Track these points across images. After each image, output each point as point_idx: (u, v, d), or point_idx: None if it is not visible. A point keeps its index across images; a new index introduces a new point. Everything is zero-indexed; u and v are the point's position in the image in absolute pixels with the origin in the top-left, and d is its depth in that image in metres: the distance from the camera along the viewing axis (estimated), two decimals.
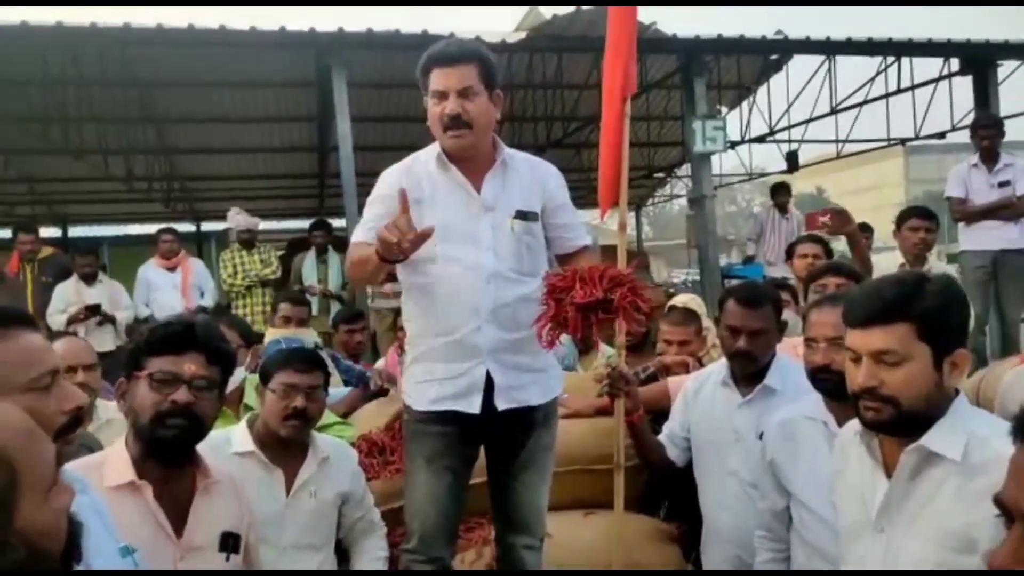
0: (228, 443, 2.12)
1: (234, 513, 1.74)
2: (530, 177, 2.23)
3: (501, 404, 2.14)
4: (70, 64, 7.11)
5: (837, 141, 10.44)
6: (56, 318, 5.43)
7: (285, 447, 2.16)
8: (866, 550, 1.53)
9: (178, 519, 1.63)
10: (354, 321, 4.43)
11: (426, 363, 2.19)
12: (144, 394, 1.59)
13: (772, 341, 2.38)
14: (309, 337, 3.47)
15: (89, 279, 5.72)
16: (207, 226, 13.89)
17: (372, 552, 2.34)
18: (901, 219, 4.26)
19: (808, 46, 7.69)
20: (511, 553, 2.28)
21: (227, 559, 1.69)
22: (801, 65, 9.18)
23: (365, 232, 2.15)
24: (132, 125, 9.29)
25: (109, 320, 5.61)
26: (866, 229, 6.41)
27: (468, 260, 2.09)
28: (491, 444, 2.27)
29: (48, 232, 11.34)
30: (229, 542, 1.70)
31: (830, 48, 7.91)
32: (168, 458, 1.63)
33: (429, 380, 2.18)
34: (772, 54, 8.94)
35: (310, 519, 2.17)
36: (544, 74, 8.70)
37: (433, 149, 2.20)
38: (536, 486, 2.26)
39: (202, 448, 1.73)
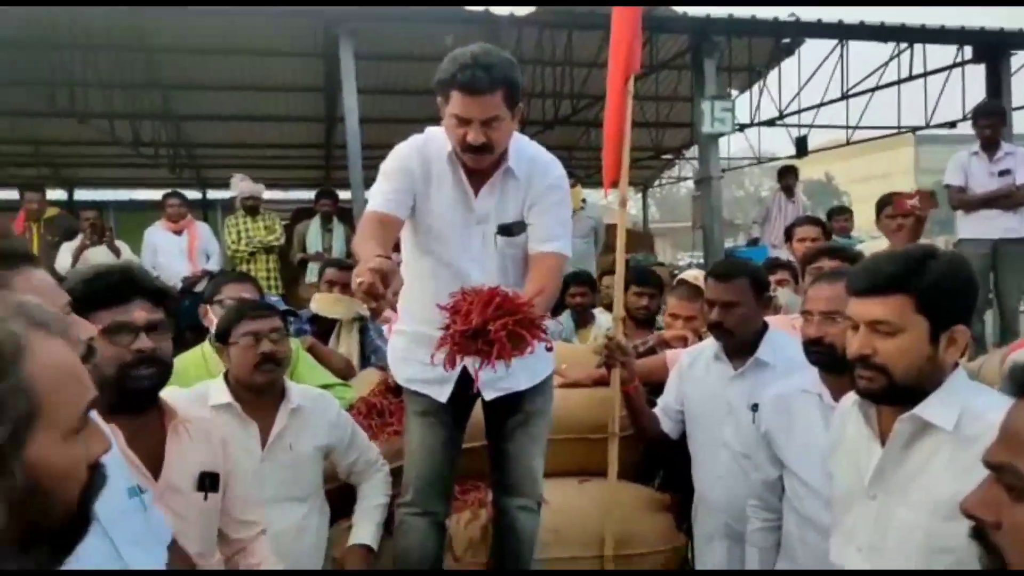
0: (206, 396, 2.12)
1: (208, 453, 1.75)
2: (526, 182, 2.16)
3: (488, 394, 2.19)
4: (78, 28, 7.09)
5: (847, 127, 10.39)
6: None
7: (260, 400, 2.16)
8: (857, 517, 1.55)
9: (154, 462, 1.64)
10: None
11: (408, 342, 2.25)
12: (102, 348, 1.54)
13: (748, 314, 2.38)
14: (354, 305, 3.44)
15: (96, 235, 5.67)
16: (213, 194, 13.87)
17: (370, 498, 2.36)
18: (879, 206, 4.26)
19: (820, 29, 7.64)
20: (507, 515, 2.32)
21: (205, 498, 1.71)
22: (813, 49, 9.13)
23: (380, 202, 2.11)
24: (139, 90, 9.28)
25: None
26: (845, 211, 6.43)
27: (455, 266, 2.11)
28: (487, 407, 2.30)
29: (54, 195, 11.35)
30: (206, 481, 1.72)
31: (843, 32, 7.86)
32: (139, 405, 1.63)
33: (407, 359, 2.24)
34: (784, 36, 8.86)
35: (289, 471, 2.18)
36: (554, 51, 8.66)
37: (445, 142, 2.13)
38: (531, 448, 2.29)
39: (181, 401, 1.76)
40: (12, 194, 8.84)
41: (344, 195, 7.19)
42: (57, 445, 0.72)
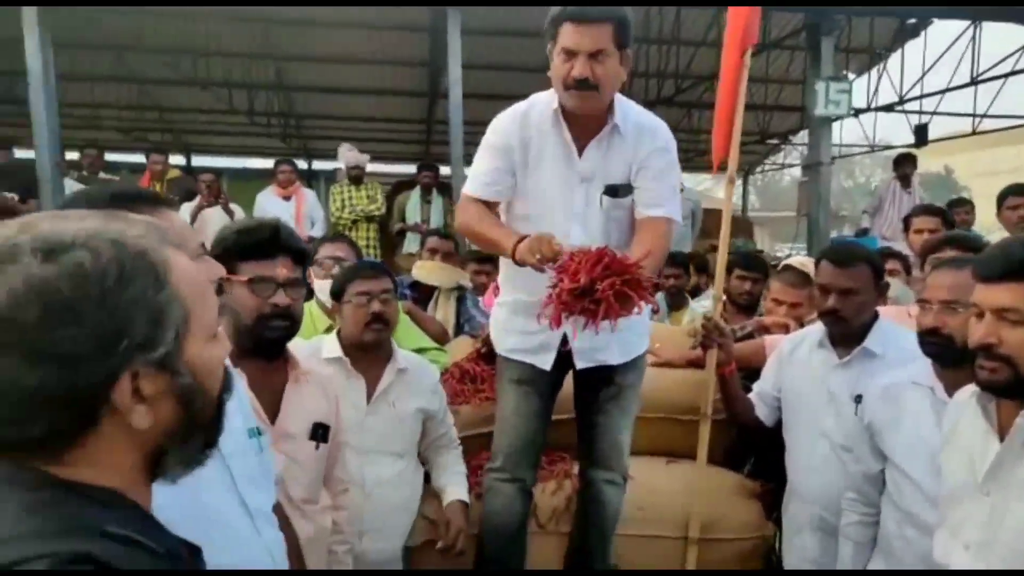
0: (320, 350, 2.24)
1: (323, 406, 1.86)
2: (633, 144, 2.14)
3: (580, 363, 2.20)
4: None
5: (974, 115, 9.71)
6: None
7: (368, 357, 2.26)
8: (968, 513, 1.49)
9: (272, 408, 1.75)
10: (483, 263, 4.41)
11: (509, 312, 2.28)
12: (243, 297, 1.69)
13: (865, 302, 2.28)
14: (454, 274, 3.54)
15: (212, 196, 5.93)
16: (317, 164, 14.39)
17: (453, 466, 2.44)
18: (1001, 198, 3.98)
19: (953, 10, 7.12)
20: (592, 487, 2.34)
21: (316, 447, 1.82)
22: (942, 30, 8.54)
23: (480, 187, 2.15)
24: (255, 61, 9.68)
25: None
26: (965, 203, 5.96)
27: (558, 228, 2.07)
28: (578, 379, 2.31)
29: (174, 160, 12.07)
30: (319, 431, 1.82)
31: (976, 13, 7.32)
32: (269, 354, 1.76)
33: (509, 330, 2.27)
34: (911, 17, 8.34)
35: (390, 427, 2.28)
36: (661, 28, 8.46)
37: (551, 101, 2.13)
38: (620, 422, 2.30)
39: (300, 352, 1.86)
40: (137, 158, 9.47)
41: (444, 170, 7.31)
42: (203, 347, 0.79)
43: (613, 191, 2.12)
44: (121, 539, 0.69)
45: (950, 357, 1.82)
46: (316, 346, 2.26)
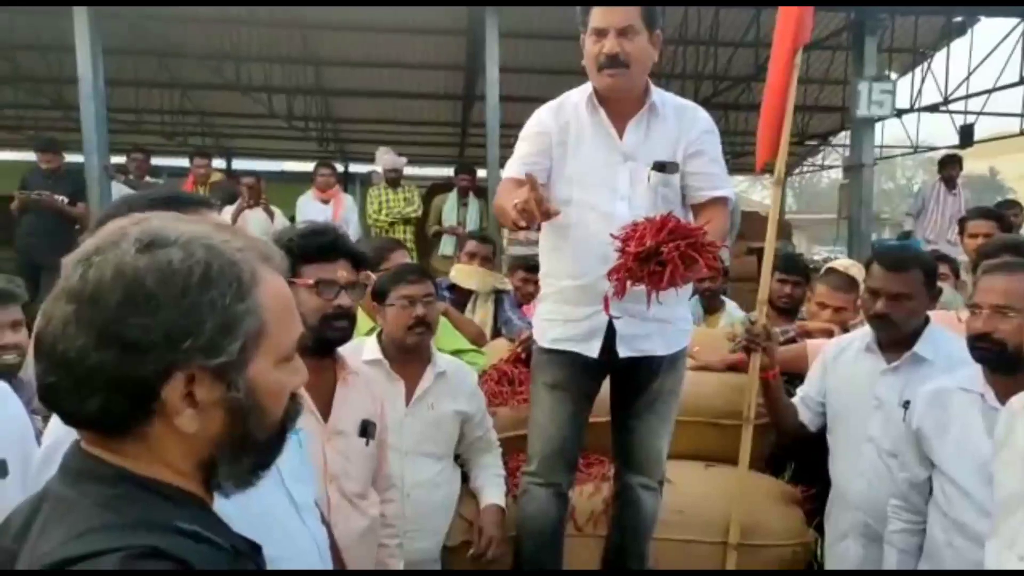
0: (359, 352, 2.27)
1: (369, 404, 1.90)
2: (676, 124, 2.18)
3: (623, 351, 2.17)
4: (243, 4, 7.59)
5: (1023, 116, 9.45)
6: None
7: (407, 360, 2.29)
8: (1022, 523, 1.45)
9: (324, 405, 1.80)
10: (532, 271, 4.42)
11: (553, 303, 2.25)
12: (307, 299, 1.73)
13: (917, 308, 2.24)
14: (491, 278, 3.56)
15: (253, 198, 6.02)
16: (353, 167, 14.55)
17: (492, 468, 2.45)
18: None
19: (1003, 7, 6.94)
20: (628, 492, 2.33)
21: (367, 444, 1.86)
22: (989, 28, 8.33)
23: (517, 167, 2.18)
24: (295, 66, 9.83)
25: None
26: (1015, 205, 5.80)
27: (603, 208, 2.10)
28: (616, 382, 2.30)
29: (215, 163, 12.31)
30: (368, 428, 1.87)
31: None
32: (326, 353, 1.80)
33: (553, 319, 2.24)
34: (958, 15, 8.14)
35: (429, 428, 2.30)
36: (699, 29, 8.39)
37: (586, 89, 2.20)
38: (658, 428, 2.28)
39: (343, 350, 1.90)
40: (180, 162, 9.67)
41: (480, 173, 7.34)
42: (272, 368, 0.79)
43: (660, 167, 2.14)
44: (191, 535, 0.71)
45: (1001, 362, 1.78)
46: (357, 348, 2.28)
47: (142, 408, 0.73)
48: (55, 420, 1.05)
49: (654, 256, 1.78)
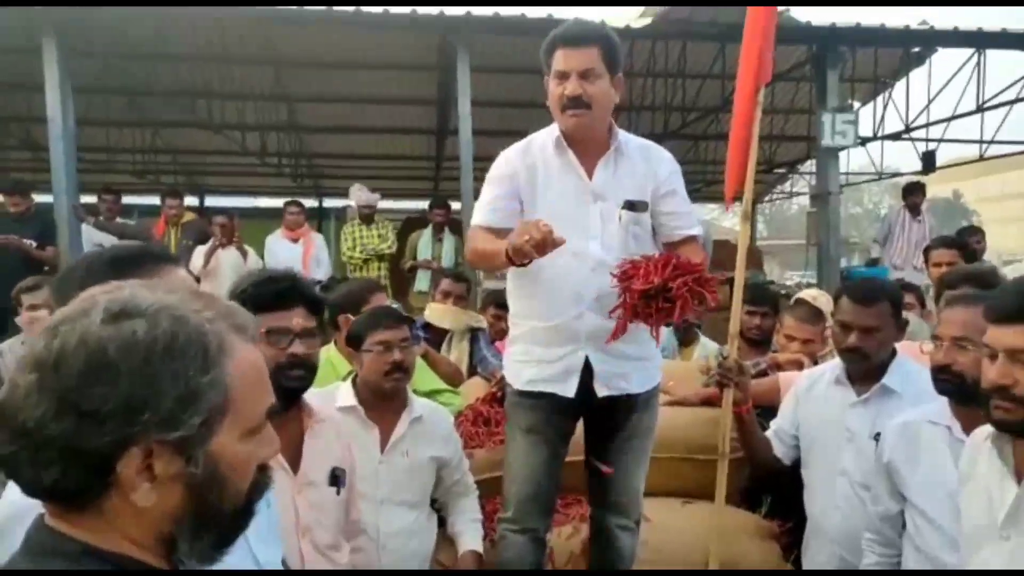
0: (334, 398, 2.25)
1: (339, 451, 1.87)
2: (643, 164, 2.23)
3: (601, 391, 2.17)
4: (217, 42, 7.61)
5: (981, 142, 9.72)
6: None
7: (383, 406, 2.26)
8: (989, 557, 1.47)
9: (293, 457, 1.76)
10: (503, 308, 4.39)
11: (526, 344, 2.23)
12: (261, 348, 1.70)
13: (887, 340, 2.28)
14: (466, 317, 3.53)
15: (226, 237, 5.90)
16: (328, 202, 14.54)
17: (469, 513, 2.43)
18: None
19: (956, 38, 7.17)
20: (605, 533, 2.31)
21: (337, 492, 1.83)
22: (947, 58, 8.59)
23: (486, 213, 2.19)
24: (268, 103, 9.84)
25: None
26: (976, 232, 6.00)
27: (575, 248, 2.10)
28: (590, 423, 2.29)
29: (187, 201, 12.24)
30: (338, 477, 1.84)
31: (980, 40, 7.36)
32: (286, 404, 1.76)
33: (527, 360, 2.23)
34: (915, 46, 8.39)
35: (404, 476, 2.27)
36: (667, 62, 8.56)
37: (552, 131, 2.22)
38: (633, 468, 2.28)
39: (314, 400, 1.87)
40: (152, 200, 9.59)
41: (455, 206, 7.37)
42: (237, 441, 0.78)
43: (631, 206, 2.18)
44: None
45: (962, 394, 1.81)
46: (331, 393, 2.27)
47: (99, 480, 0.72)
48: (11, 490, 1.03)
49: (661, 293, 1.84)
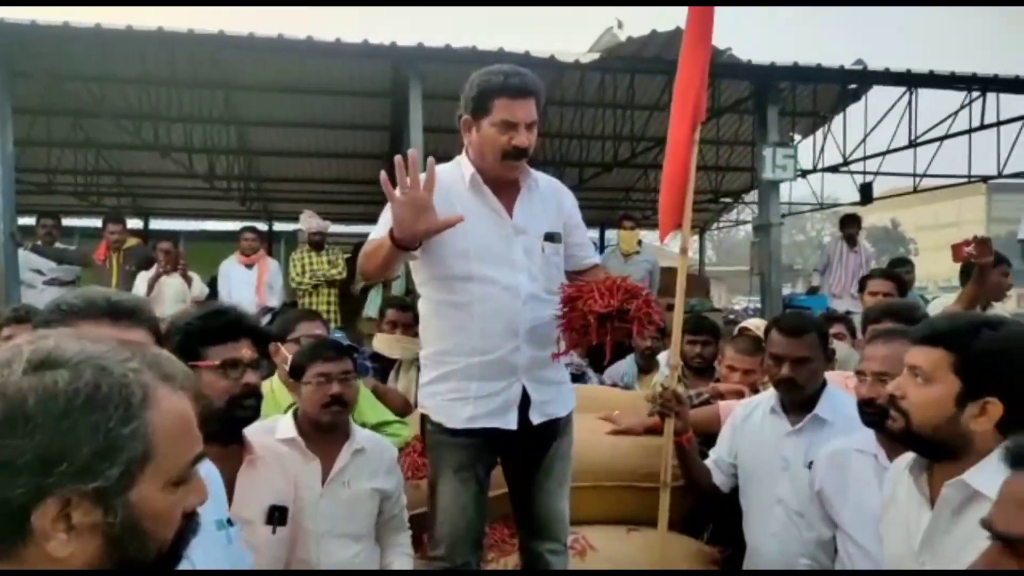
0: (273, 430, 2.22)
1: (279, 487, 1.83)
2: (553, 198, 2.34)
3: (536, 418, 2.21)
4: (165, 66, 7.51)
5: (915, 175, 10.16)
6: None
7: (325, 437, 2.25)
8: None
9: (229, 494, 1.71)
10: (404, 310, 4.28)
11: (458, 381, 2.20)
12: (213, 381, 1.68)
13: (817, 370, 2.38)
14: (414, 346, 3.49)
15: (170, 264, 5.81)
16: (279, 226, 14.36)
17: (402, 547, 2.41)
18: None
19: (888, 77, 7.54)
20: (538, 560, 2.33)
21: (273, 531, 1.79)
22: (881, 95, 8.99)
23: (380, 230, 2.19)
24: (216, 126, 9.73)
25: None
26: (906, 263, 6.21)
27: (505, 282, 2.15)
28: (510, 455, 2.32)
29: (131, 224, 11.96)
30: (275, 515, 1.79)
31: (911, 80, 7.74)
32: (232, 436, 1.75)
33: (463, 398, 2.19)
34: (851, 84, 8.77)
35: (345, 508, 2.24)
36: (616, 93, 8.76)
37: (458, 170, 2.24)
38: (558, 491, 2.32)
39: (253, 433, 1.84)
40: (94, 222, 9.34)
41: None
42: (160, 492, 0.77)
43: (550, 237, 2.27)
44: None
45: (885, 427, 1.89)
46: (270, 426, 2.23)
47: (15, 530, 0.72)
48: None
49: (617, 315, 1.97)
